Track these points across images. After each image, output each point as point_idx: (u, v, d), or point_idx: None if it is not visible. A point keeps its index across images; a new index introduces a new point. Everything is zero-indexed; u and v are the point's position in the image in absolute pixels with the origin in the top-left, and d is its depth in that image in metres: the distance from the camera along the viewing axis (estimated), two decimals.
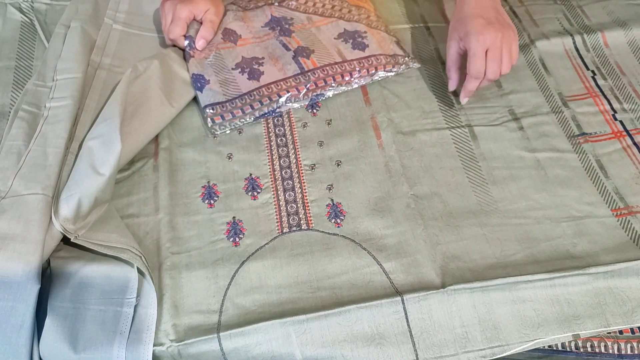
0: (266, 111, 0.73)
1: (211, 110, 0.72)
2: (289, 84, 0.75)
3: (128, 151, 0.66)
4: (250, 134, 0.73)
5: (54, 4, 0.86)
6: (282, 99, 0.74)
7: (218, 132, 0.72)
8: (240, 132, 0.73)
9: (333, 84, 0.75)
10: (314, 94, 0.75)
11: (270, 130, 0.73)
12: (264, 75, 0.75)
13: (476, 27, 0.70)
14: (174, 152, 0.71)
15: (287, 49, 0.78)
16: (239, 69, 0.76)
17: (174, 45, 0.79)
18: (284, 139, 0.72)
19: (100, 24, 0.80)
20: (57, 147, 0.63)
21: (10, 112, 0.71)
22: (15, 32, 0.82)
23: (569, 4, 0.91)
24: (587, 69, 0.81)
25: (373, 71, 0.77)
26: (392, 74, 0.78)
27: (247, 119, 0.73)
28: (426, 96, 0.77)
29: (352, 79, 0.76)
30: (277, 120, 0.74)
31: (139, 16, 0.84)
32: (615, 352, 0.57)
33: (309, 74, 0.75)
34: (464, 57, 0.73)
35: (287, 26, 0.81)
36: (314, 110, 0.75)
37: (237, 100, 0.73)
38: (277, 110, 0.74)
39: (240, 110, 0.73)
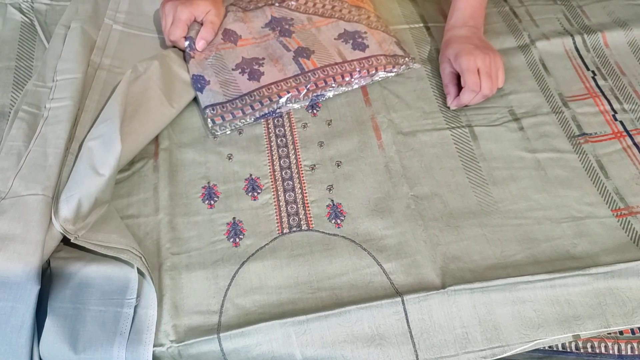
0: (266, 112, 0.73)
1: (211, 111, 0.72)
2: (289, 85, 0.75)
3: (128, 152, 0.66)
4: (251, 135, 0.73)
5: (53, 4, 0.86)
6: (282, 100, 0.74)
7: (218, 133, 0.72)
8: (240, 133, 0.73)
9: (333, 85, 0.75)
10: (314, 94, 0.75)
11: (270, 130, 0.73)
12: (264, 76, 0.75)
13: (466, 49, 0.75)
14: (174, 152, 0.71)
15: (287, 49, 0.78)
16: (239, 70, 0.76)
17: (174, 46, 0.79)
18: (284, 139, 0.72)
19: (100, 24, 0.80)
20: (57, 148, 0.63)
21: (10, 112, 0.71)
22: (15, 32, 0.82)
23: (569, 4, 0.91)
24: (588, 69, 0.81)
25: (373, 72, 0.77)
26: (392, 74, 0.78)
27: (248, 120, 0.73)
28: (426, 96, 0.77)
29: (352, 80, 0.76)
30: (277, 120, 0.74)
31: (138, 16, 0.84)
32: (616, 352, 0.57)
33: (309, 74, 0.75)
34: (458, 76, 0.76)
35: (287, 27, 0.81)
36: (314, 111, 0.75)
37: (237, 100, 0.73)
38: (278, 110, 0.74)
39: (240, 111, 0.73)
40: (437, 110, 0.76)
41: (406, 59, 0.80)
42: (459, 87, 0.75)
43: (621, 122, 0.75)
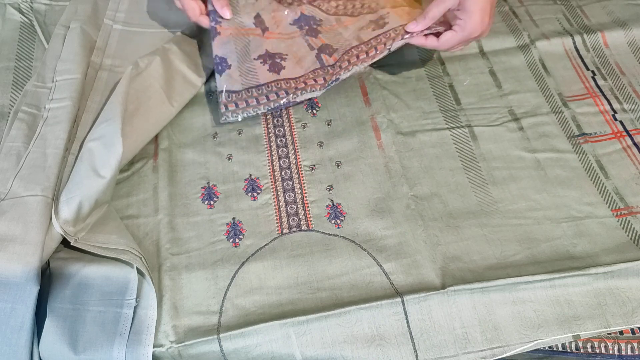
0: (280, 103, 0.72)
1: (227, 98, 0.71)
2: (306, 77, 0.73)
3: (128, 151, 0.66)
4: (250, 135, 0.73)
5: (53, 4, 0.86)
6: (298, 92, 0.72)
7: (230, 119, 0.71)
8: (240, 133, 0.73)
9: (349, 68, 0.72)
10: (330, 81, 0.72)
11: (270, 130, 0.73)
12: (285, 70, 0.74)
13: (486, 11, 0.67)
14: (173, 152, 0.71)
15: (312, 48, 0.76)
16: (261, 60, 0.75)
17: (174, 39, 0.77)
18: (283, 139, 0.72)
19: (100, 24, 0.80)
20: (57, 149, 0.63)
21: (9, 113, 0.71)
22: (14, 32, 0.82)
23: (568, 4, 0.91)
24: (587, 69, 0.81)
25: (391, 43, 0.72)
26: (404, 40, 0.73)
27: (261, 109, 0.71)
28: (426, 96, 0.77)
29: (368, 57, 0.72)
30: (277, 120, 0.74)
31: (139, 13, 0.83)
32: (616, 352, 0.57)
33: (328, 68, 0.73)
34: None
35: (315, 26, 0.79)
36: (314, 111, 0.75)
37: (253, 89, 0.72)
38: (292, 101, 0.72)
39: (255, 100, 0.72)
40: (437, 110, 0.76)
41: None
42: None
43: (621, 122, 0.75)
